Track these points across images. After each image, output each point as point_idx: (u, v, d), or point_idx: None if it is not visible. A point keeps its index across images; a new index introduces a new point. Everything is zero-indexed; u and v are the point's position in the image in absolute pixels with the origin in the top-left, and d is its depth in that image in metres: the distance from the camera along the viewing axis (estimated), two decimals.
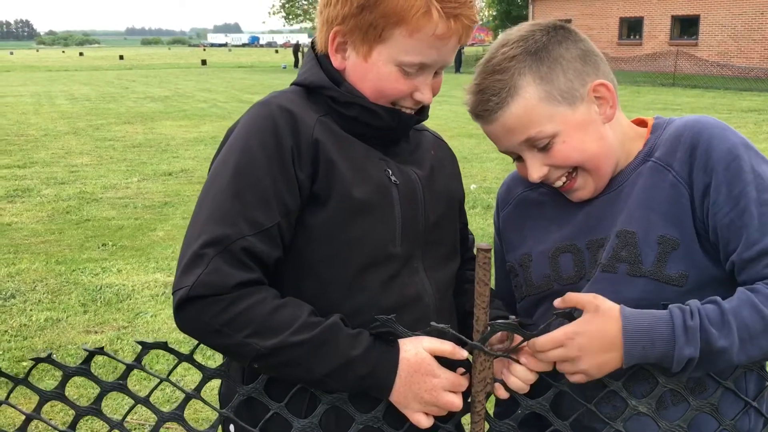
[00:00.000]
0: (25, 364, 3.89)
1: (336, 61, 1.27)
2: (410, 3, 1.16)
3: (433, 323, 1.11)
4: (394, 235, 1.24)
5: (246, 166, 1.16)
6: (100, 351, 1.10)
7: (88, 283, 5.22)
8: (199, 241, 1.12)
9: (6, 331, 4.33)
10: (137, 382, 3.56)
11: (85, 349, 1.10)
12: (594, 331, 1.12)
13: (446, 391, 1.15)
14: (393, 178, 1.26)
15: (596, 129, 1.27)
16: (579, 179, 1.29)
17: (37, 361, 1.10)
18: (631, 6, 31.64)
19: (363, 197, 1.20)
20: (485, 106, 1.26)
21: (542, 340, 1.13)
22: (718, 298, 1.13)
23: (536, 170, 1.28)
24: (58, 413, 3.36)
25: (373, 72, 1.23)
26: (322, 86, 1.26)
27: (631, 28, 32.45)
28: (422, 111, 1.34)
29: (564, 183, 1.30)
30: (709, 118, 1.26)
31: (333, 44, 1.25)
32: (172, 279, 5.08)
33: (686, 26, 29.79)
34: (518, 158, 1.32)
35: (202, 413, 3.30)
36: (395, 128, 1.29)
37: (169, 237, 6.44)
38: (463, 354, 1.15)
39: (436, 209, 1.32)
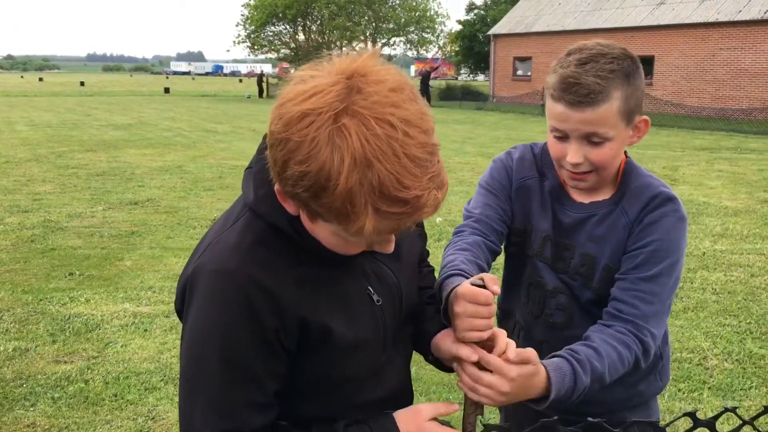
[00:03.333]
0: None
1: (289, 207, 1.12)
2: (346, 215, 1.01)
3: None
4: (382, 349, 1.28)
5: (234, 354, 1.13)
6: None
7: (56, 312, 5.20)
8: None
9: None
10: None
11: None
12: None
13: None
14: (375, 297, 1.25)
15: (623, 149, 1.59)
16: (590, 177, 1.58)
17: None
18: None
19: (355, 339, 1.21)
20: (580, 97, 1.48)
21: None
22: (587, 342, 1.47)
23: (577, 156, 1.54)
24: None
25: (322, 235, 1.13)
26: (286, 232, 1.16)
27: None
28: None
29: (580, 173, 1.57)
30: (674, 200, 1.59)
31: (280, 195, 1.11)
32: (141, 309, 5.10)
33: (642, 65, 30.68)
34: (562, 138, 1.55)
35: None
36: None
37: (137, 267, 6.44)
38: (454, 407, 1.27)
39: (408, 294, 1.34)
